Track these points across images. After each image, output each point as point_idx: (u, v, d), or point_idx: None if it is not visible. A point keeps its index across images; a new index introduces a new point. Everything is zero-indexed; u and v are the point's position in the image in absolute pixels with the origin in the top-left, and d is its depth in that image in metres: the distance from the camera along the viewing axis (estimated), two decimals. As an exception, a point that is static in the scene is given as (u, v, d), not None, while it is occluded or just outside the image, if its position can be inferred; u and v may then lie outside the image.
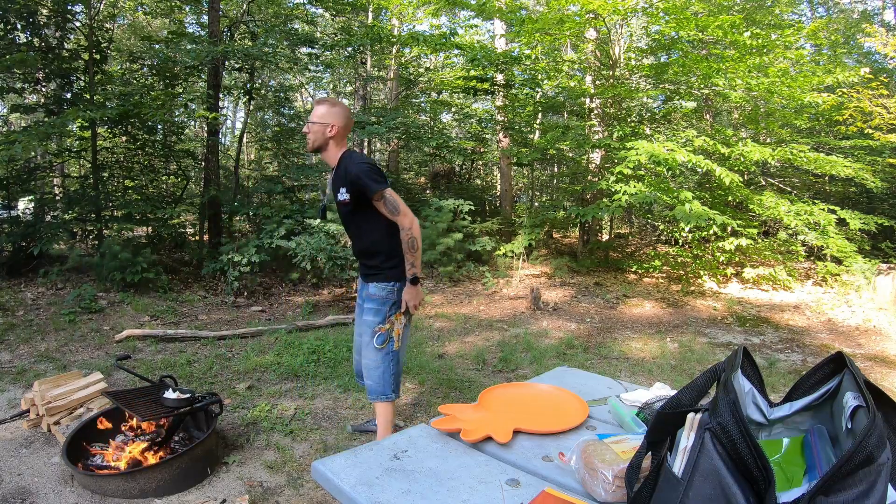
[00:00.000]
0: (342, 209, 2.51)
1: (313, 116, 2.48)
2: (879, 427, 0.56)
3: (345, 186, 2.44)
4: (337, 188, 2.48)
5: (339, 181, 2.48)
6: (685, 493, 0.60)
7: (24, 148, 5.68)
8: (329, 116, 2.48)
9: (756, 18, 9.46)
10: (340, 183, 2.46)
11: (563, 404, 1.13)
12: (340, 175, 2.46)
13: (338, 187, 2.48)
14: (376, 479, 0.82)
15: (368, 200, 2.42)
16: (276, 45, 8.01)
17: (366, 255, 2.58)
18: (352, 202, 2.45)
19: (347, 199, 2.44)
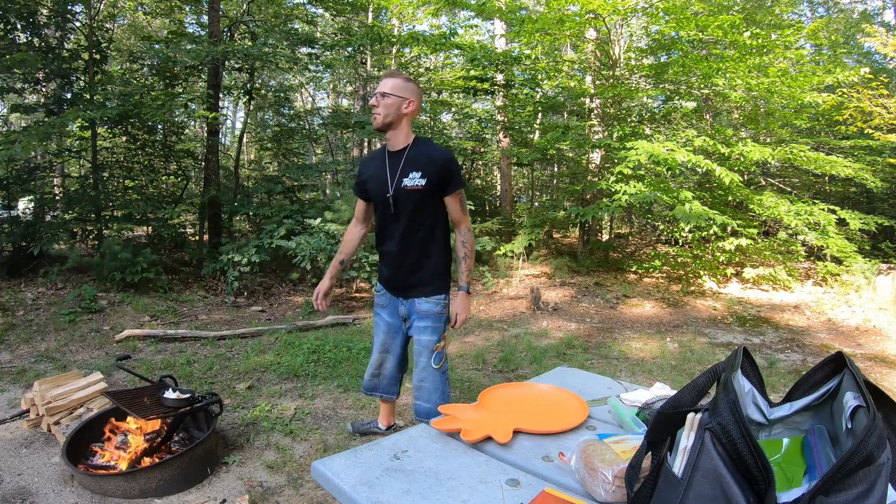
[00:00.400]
0: (406, 198, 2.19)
1: (386, 88, 2.16)
2: (879, 427, 0.56)
3: (421, 171, 2.16)
4: (406, 172, 2.17)
5: (412, 165, 2.18)
6: (685, 493, 0.60)
7: (24, 148, 5.68)
8: (407, 91, 2.21)
9: (756, 18, 9.46)
10: (414, 167, 2.17)
11: (563, 404, 1.13)
12: (416, 159, 2.18)
13: (408, 171, 2.17)
14: (376, 479, 0.82)
15: (442, 194, 2.21)
16: (276, 45, 8.01)
17: (414, 263, 2.29)
18: (427, 191, 2.17)
19: (422, 185, 2.15)
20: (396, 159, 2.22)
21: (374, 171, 2.29)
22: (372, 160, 2.36)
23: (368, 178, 2.31)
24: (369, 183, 2.31)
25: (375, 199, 2.28)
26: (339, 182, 9.74)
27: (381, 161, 2.27)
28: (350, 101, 15.59)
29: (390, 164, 2.21)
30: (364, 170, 2.37)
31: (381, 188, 2.24)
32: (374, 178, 2.28)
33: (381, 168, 2.25)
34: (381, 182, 2.24)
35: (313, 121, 11.54)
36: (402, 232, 2.26)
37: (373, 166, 2.31)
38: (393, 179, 2.20)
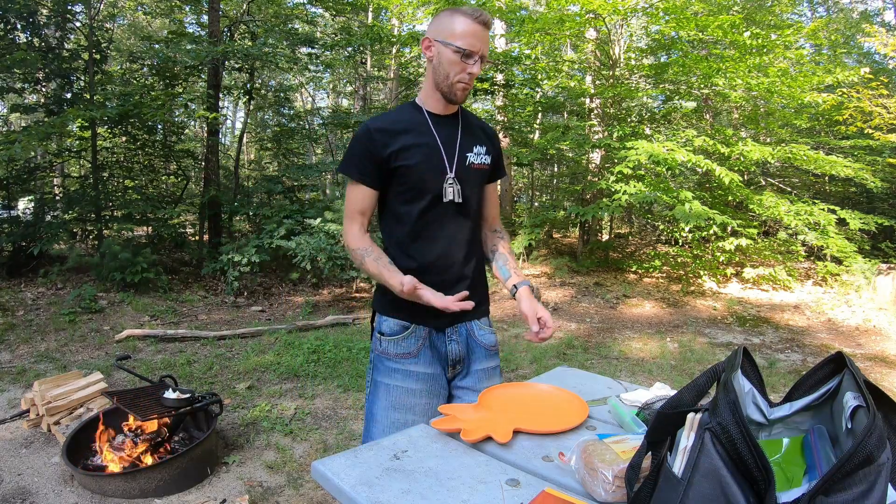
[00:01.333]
0: (472, 181, 1.60)
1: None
2: (879, 427, 0.56)
3: (483, 145, 1.62)
4: (469, 144, 1.60)
5: (471, 136, 1.62)
6: (685, 493, 0.60)
7: (24, 148, 5.68)
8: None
9: (756, 18, 9.46)
10: (475, 139, 1.62)
11: (563, 404, 1.13)
12: (472, 128, 1.64)
13: (471, 143, 1.60)
14: (376, 479, 0.82)
15: (489, 178, 1.69)
16: (276, 45, 8.01)
17: (476, 274, 1.66)
18: (488, 172, 1.65)
19: (488, 163, 1.62)
20: (450, 126, 1.59)
21: (414, 140, 1.52)
22: (399, 123, 1.55)
23: (402, 151, 1.51)
24: (406, 158, 1.51)
25: (418, 182, 1.52)
26: (339, 182, 9.74)
27: (425, 126, 1.55)
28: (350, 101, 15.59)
29: (441, 132, 1.56)
30: (387, 140, 1.51)
31: (433, 165, 1.53)
32: (416, 152, 1.52)
33: (427, 135, 1.54)
34: (430, 156, 1.53)
35: (313, 121, 11.54)
36: (470, 229, 1.62)
37: (409, 135, 1.54)
38: (452, 153, 1.57)
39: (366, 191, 1.56)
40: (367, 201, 1.57)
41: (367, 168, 1.54)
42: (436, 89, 1.55)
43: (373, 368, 1.60)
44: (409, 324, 1.55)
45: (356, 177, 1.55)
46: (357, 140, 1.56)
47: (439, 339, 1.57)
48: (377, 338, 1.59)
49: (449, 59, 1.47)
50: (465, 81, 1.50)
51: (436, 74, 1.53)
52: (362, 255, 1.53)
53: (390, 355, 1.54)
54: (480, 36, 1.46)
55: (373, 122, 1.56)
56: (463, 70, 1.48)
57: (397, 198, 1.57)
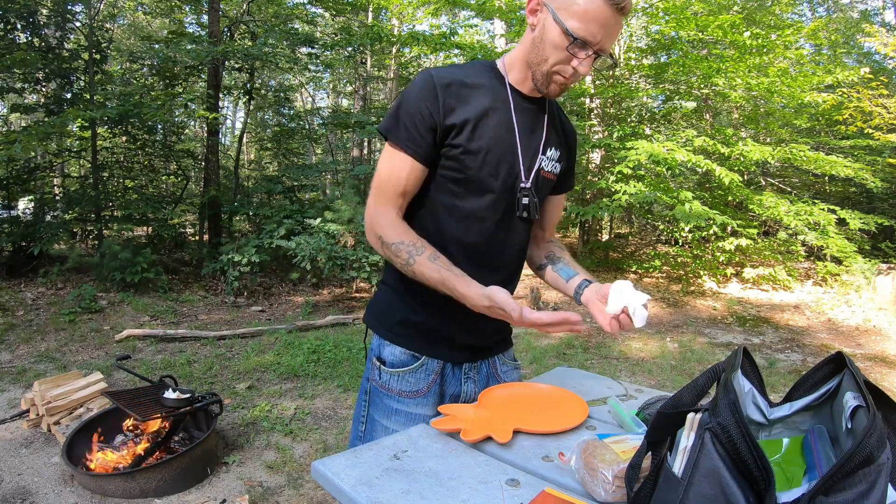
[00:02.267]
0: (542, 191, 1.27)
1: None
2: (879, 427, 0.56)
3: (560, 149, 1.28)
4: (548, 146, 1.24)
5: (552, 136, 1.25)
6: (685, 493, 0.60)
7: (24, 148, 5.68)
8: None
9: (756, 18, 9.45)
10: (554, 139, 1.26)
11: (563, 404, 1.13)
12: (555, 125, 1.28)
13: (549, 146, 1.24)
14: (376, 479, 0.82)
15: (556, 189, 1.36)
16: (276, 45, 8.01)
17: (512, 290, 1.28)
18: (555, 182, 1.32)
19: (557, 172, 1.29)
20: (533, 114, 1.22)
21: (488, 116, 1.15)
22: (475, 87, 1.16)
23: (467, 126, 1.14)
24: (473, 137, 1.14)
25: (477, 177, 1.16)
26: (339, 182, 9.74)
27: (504, 104, 1.18)
28: (350, 101, 15.58)
29: (522, 120, 1.19)
30: (455, 104, 1.13)
31: (504, 161, 1.17)
32: (486, 133, 1.15)
33: (505, 116, 1.17)
34: (503, 149, 1.17)
35: (313, 121, 11.54)
36: (524, 246, 1.31)
37: (483, 106, 1.15)
38: (530, 153, 1.21)
39: (414, 166, 1.14)
40: (413, 180, 1.16)
41: (422, 134, 1.13)
42: (526, 65, 1.16)
43: (368, 402, 1.27)
44: (419, 355, 1.23)
45: (404, 144, 1.13)
46: (414, 93, 1.13)
47: (454, 377, 1.26)
48: (375, 366, 1.25)
49: (553, 41, 1.07)
50: (567, 77, 1.11)
51: (532, 50, 1.12)
52: (409, 252, 1.11)
53: (392, 391, 1.22)
54: (608, 24, 1.04)
55: (439, 73, 1.15)
56: (568, 62, 1.09)
57: (434, 182, 1.18)
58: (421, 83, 1.14)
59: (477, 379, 1.29)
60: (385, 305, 1.28)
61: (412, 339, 1.23)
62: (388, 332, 1.25)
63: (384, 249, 1.16)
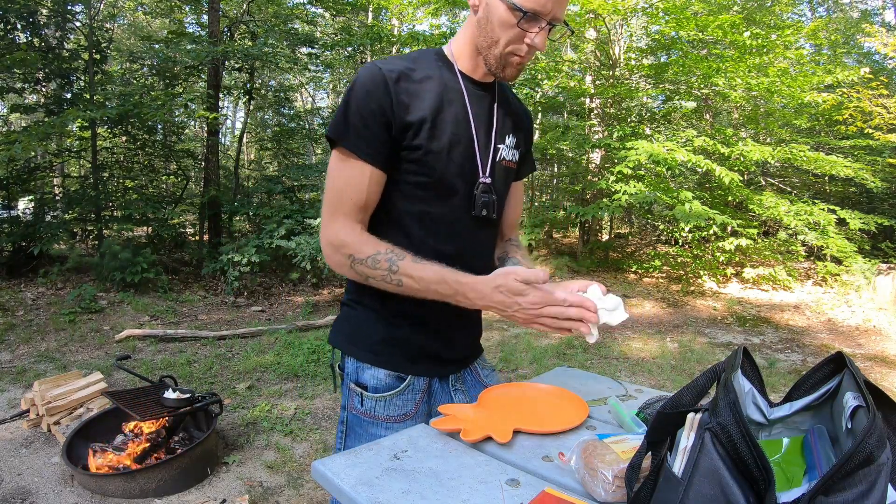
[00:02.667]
0: (502, 182, 1.18)
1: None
2: (879, 427, 0.56)
3: (514, 132, 1.19)
4: (505, 133, 1.16)
5: (507, 121, 1.17)
6: (685, 493, 0.60)
7: (24, 148, 5.68)
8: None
9: (756, 18, 9.46)
10: (510, 124, 1.18)
11: (563, 404, 1.13)
12: (510, 109, 1.19)
13: (505, 133, 1.16)
14: (376, 479, 0.82)
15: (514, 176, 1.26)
16: (276, 45, 8.01)
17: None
18: (516, 169, 1.23)
19: (516, 159, 1.21)
20: (485, 100, 1.13)
21: (443, 111, 1.06)
22: (426, 79, 1.06)
23: (425, 124, 1.04)
24: (432, 136, 1.04)
25: (440, 178, 1.07)
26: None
27: (457, 94, 1.08)
28: (350, 101, 15.53)
29: (475, 107, 1.10)
30: (409, 100, 1.03)
31: (462, 156, 1.08)
32: (444, 130, 1.06)
33: (458, 108, 1.08)
34: (460, 143, 1.08)
35: (313, 121, 11.54)
36: (491, 247, 1.24)
37: (438, 100, 1.05)
38: (487, 143, 1.12)
39: (374, 173, 1.02)
40: (374, 190, 1.04)
41: (377, 136, 1.00)
42: (475, 51, 1.06)
43: (346, 432, 1.15)
44: (405, 375, 1.13)
45: (359, 150, 1.00)
46: (363, 89, 1.00)
47: (442, 391, 1.19)
48: (354, 392, 1.13)
49: (501, 20, 0.98)
50: (522, 55, 1.02)
51: (480, 33, 1.03)
52: (389, 259, 1.00)
53: (378, 418, 1.11)
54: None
55: (386, 65, 1.02)
56: (521, 39, 0.99)
57: (398, 191, 1.07)
58: (368, 77, 1.01)
59: (464, 389, 1.23)
60: (360, 325, 1.15)
61: (395, 358, 1.12)
62: (367, 353, 1.12)
63: (356, 268, 1.02)
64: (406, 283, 1.00)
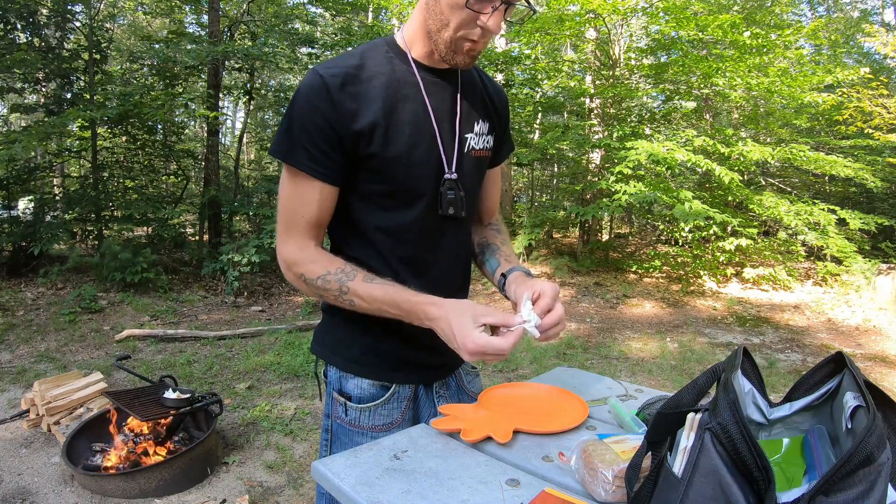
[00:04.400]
0: (471, 175, 1.10)
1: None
2: (879, 427, 0.56)
3: (489, 120, 1.12)
4: (471, 119, 1.08)
5: (473, 106, 1.09)
6: (685, 493, 0.60)
7: (24, 148, 5.68)
8: None
9: (756, 18, 9.47)
10: (478, 110, 1.10)
11: (563, 404, 1.13)
12: (475, 92, 1.11)
13: (473, 119, 1.09)
14: (376, 479, 0.82)
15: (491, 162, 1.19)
16: (276, 45, 8.01)
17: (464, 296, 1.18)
18: (488, 159, 1.16)
19: (489, 146, 1.14)
20: (446, 87, 1.05)
21: (397, 110, 0.99)
22: (373, 77, 0.98)
23: (378, 129, 0.98)
24: (386, 142, 0.98)
25: (401, 183, 1.02)
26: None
27: (411, 87, 1.01)
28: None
29: (434, 97, 1.03)
30: (356, 105, 0.96)
31: (424, 154, 1.02)
32: (400, 131, 0.99)
33: (415, 102, 1.01)
34: (420, 140, 1.01)
35: (313, 121, 11.53)
36: (467, 244, 1.19)
37: (389, 100, 0.99)
38: (450, 135, 1.05)
39: (325, 190, 0.98)
40: (327, 207, 1.00)
41: (325, 151, 0.95)
42: (428, 35, 0.98)
43: (331, 440, 1.16)
44: (390, 384, 1.09)
45: (307, 167, 0.95)
46: (304, 102, 0.95)
47: (427, 399, 1.15)
48: (338, 402, 1.10)
49: (450, 2, 0.90)
50: (476, 39, 0.93)
51: (430, 16, 0.95)
52: (339, 280, 0.97)
53: (363, 428, 1.09)
54: None
55: (329, 70, 0.95)
56: (473, 21, 0.91)
57: (361, 202, 1.02)
58: (310, 88, 0.94)
59: (448, 395, 1.19)
60: (341, 334, 1.11)
61: (379, 368, 1.08)
62: (350, 363, 1.09)
63: (308, 286, 1.00)
64: (357, 303, 0.98)
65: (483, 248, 1.21)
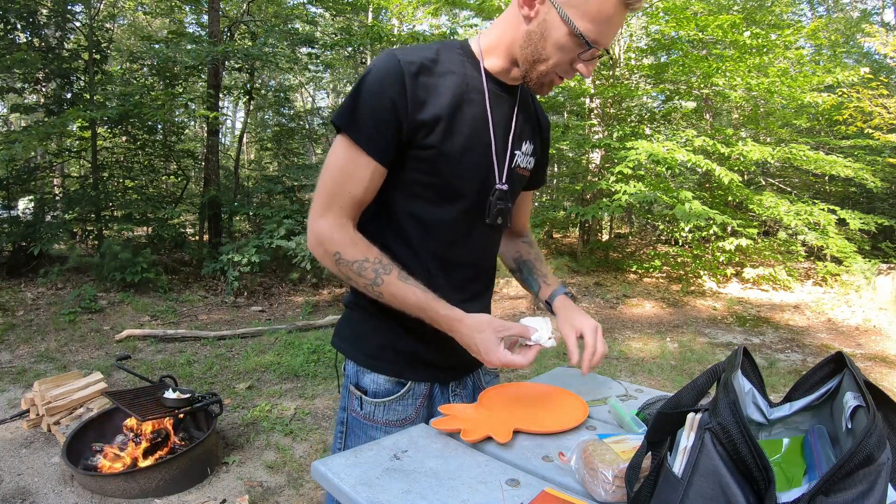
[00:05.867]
0: (514, 189, 1.14)
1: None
2: (879, 427, 0.56)
3: (534, 142, 1.16)
4: (522, 140, 1.12)
5: (525, 127, 1.13)
6: (685, 493, 0.60)
7: (24, 148, 5.68)
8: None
9: (756, 18, 9.46)
10: (528, 131, 1.14)
11: (563, 404, 1.13)
12: (529, 114, 1.15)
13: (523, 139, 1.12)
14: (376, 479, 0.82)
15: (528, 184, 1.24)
16: (276, 45, 8.01)
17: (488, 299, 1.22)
18: (528, 178, 1.19)
19: (531, 168, 1.17)
20: (507, 103, 1.08)
21: (462, 110, 1.01)
22: (446, 74, 1.00)
23: (440, 124, 0.99)
24: (445, 137, 0.99)
25: (450, 181, 1.03)
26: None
27: (478, 94, 1.03)
28: (350, 101, 15.52)
29: (496, 110, 1.05)
30: (426, 95, 0.97)
31: (478, 160, 1.04)
32: (461, 132, 1.01)
33: (478, 108, 1.03)
34: (476, 145, 1.03)
35: (313, 121, 11.54)
36: (488, 251, 1.18)
37: (456, 97, 1.00)
38: (504, 149, 1.08)
39: (377, 170, 0.98)
40: (373, 187, 1.00)
41: (385, 132, 0.95)
42: (510, 55, 1.00)
43: (346, 433, 1.15)
44: (405, 381, 1.11)
45: (365, 144, 0.96)
46: (378, 80, 0.95)
47: (442, 397, 1.17)
48: (354, 395, 1.12)
49: (558, 42, 0.93)
50: (568, 78, 1.00)
51: (528, 45, 0.96)
52: (376, 271, 0.98)
53: (377, 422, 1.11)
54: (616, 22, 0.91)
55: (406, 56, 0.96)
56: (572, 62, 0.95)
57: (400, 190, 1.03)
58: (385, 68, 0.95)
59: (463, 395, 1.21)
60: (360, 329, 1.13)
61: (396, 364, 1.10)
62: (367, 358, 1.11)
63: (341, 268, 0.99)
64: (386, 298, 0.99)
65: (520, 264, 1.29)
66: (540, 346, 1.00)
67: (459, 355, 1.04)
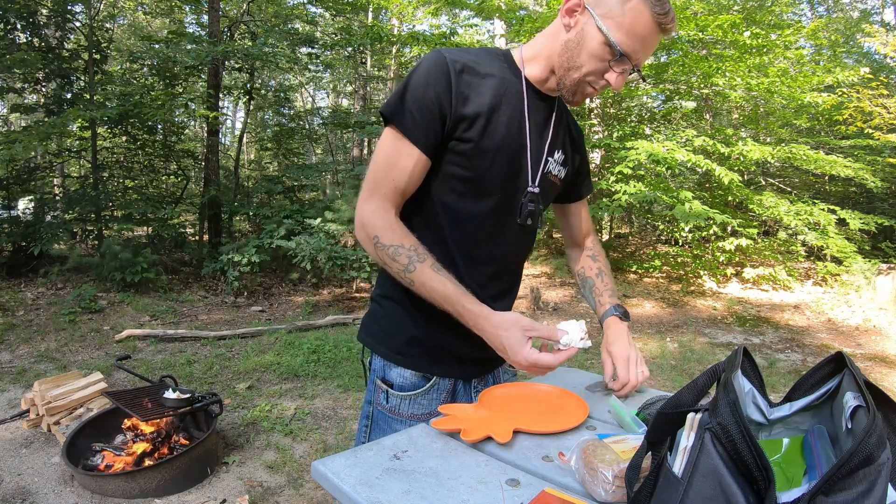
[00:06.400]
0: (546, 195, 1.19)
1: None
2: (879, 427, 0.56)
3: (566, 152, 1.21)
4: (555, 147, 1.17)
5: (559, 135, 1.18)
6: (685, 493, 0.60)
7: (24, 148, 5.68)
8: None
9: (756, 18, 9.46)
10: (561, 140, 1.19)
11: (563, 404, 1.13)
12: (563, 123, 1.19)
13: (556, 147, 1.17)
14: (376, 479, 0.82)
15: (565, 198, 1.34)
16: (276, 45, 8.01)
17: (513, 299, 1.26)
18: (561, 188, 1.25)
19: (562, 177, 1.21)
20: (545, 111, 1.14)
21: (506, 121, 1.07)
22: (488, 75, 1.06)
23: (480, 120, 1.04)
24: (484, 133, 1.05)
25: (484, 176, 1.07)
26: (339, 182, 9.75)
27: (517, 99, 1.09)
28: (350, 101, 15.59)
29: (534, 116, 1.11)
30: (469, 92, 1.03)
31: (511, 161, 1.09)
32: (497, 130, 1.06)
33: (517, 112, 1.08)
34: (510, 146, 1.08)
35: (313, 121, 11.55)
36: (516, 250, 1.20)
37: (496, 98, 1.06)
38: (539, 154, 1.13)
39: (420, 159, 1.03)
40: (417, 176, 1.05)
41: (430, 124, 1.01)
42: (549, 64, 1.07)
43: (372, 426, 1.20)
44: (430, 375, 1.15)
45: (412, 133, 1.01)
46: (425, 75, 1.01)
47: (464, 393, 1.21)
48: (381, 389, 1.17)
49: (592, 51, 0.99)
50: (597, 88, 1.04)
51: (565, 53, 1.03)
52: (410, 258, 1.01)
53: (402, 416, 1.15)
54: (650, 42, 0.98)
55: (452, 55, 1.03)
56: (603, 73, 1.01)
57: (436, 180, 1.07)
58: (433, 65, 1.02)
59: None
60: (387, 323, 1.17)
61: (422, 359, 1.14)
62: (394, 353, 1.15)
63: (378, 251, 1.04)
64: (417, 286, 1.03)
65: (582, 280, 1.35)
66: (574, 350, 1.01)
67: (486, 349, 1.06)
